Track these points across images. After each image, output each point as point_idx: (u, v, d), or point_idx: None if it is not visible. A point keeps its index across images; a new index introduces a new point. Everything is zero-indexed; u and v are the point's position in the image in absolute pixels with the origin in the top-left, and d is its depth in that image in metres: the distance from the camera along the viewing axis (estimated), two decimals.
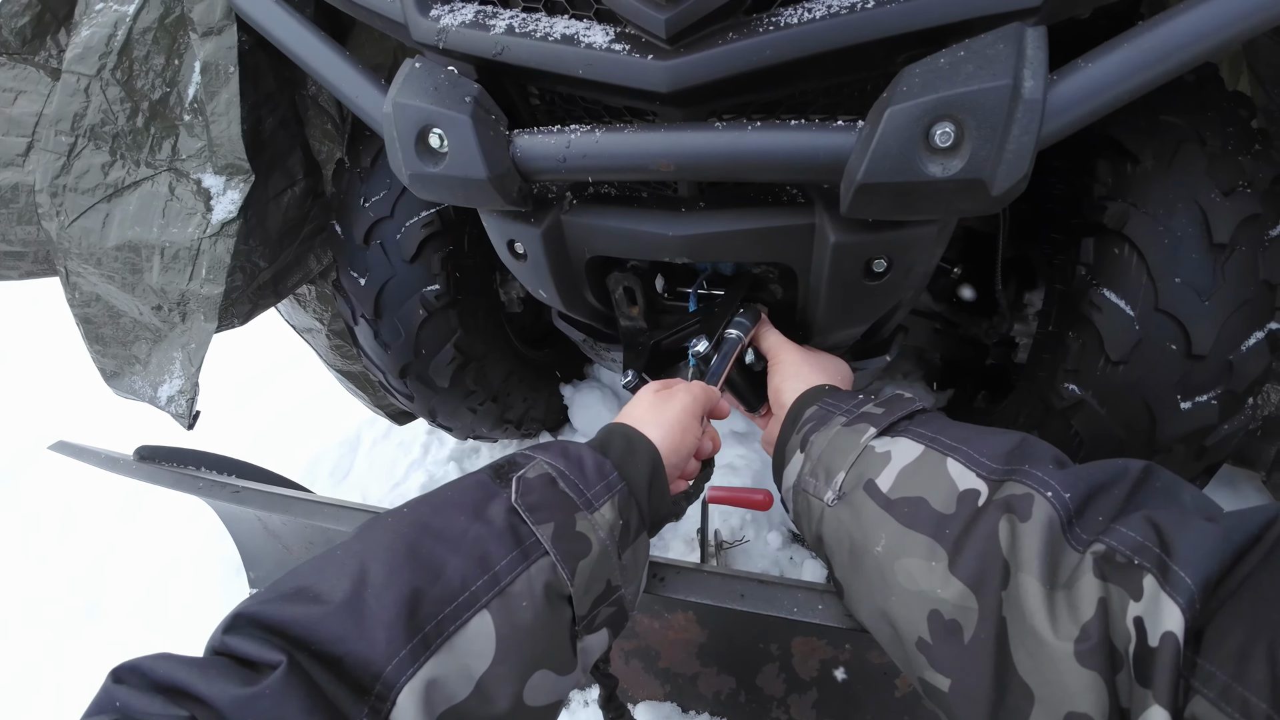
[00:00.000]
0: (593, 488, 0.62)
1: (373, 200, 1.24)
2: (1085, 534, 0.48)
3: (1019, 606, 0.48)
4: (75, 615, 1.86)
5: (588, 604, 0.59)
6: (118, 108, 1.24)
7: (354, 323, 1.34)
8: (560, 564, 0.56)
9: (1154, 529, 0.45)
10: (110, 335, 1.44)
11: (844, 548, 0.64)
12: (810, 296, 0.88)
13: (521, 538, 0.56)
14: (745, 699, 1.06)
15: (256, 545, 1.49)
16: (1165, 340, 0.94)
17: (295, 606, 0.48)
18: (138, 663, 0.43)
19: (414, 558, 0.53)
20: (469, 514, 0.57)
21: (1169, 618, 0.40)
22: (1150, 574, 0.42)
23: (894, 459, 0.63)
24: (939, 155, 0.65)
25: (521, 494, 0.59)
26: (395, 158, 0.83)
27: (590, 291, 1.01)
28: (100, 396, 1.50)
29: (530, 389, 1.63)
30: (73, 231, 1.32)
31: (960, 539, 0.54)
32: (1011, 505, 0.52)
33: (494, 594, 0.53)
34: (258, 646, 0.44)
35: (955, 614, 0.52)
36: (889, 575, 0.58)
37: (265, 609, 0.48)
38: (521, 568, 0.55)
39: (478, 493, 0.60)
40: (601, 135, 0.74)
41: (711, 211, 0.84)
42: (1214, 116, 0.95)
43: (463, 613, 0.51)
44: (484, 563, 0.54)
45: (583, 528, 0.59)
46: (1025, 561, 0.48)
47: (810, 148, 0.69)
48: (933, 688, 0.54)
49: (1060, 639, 0.45)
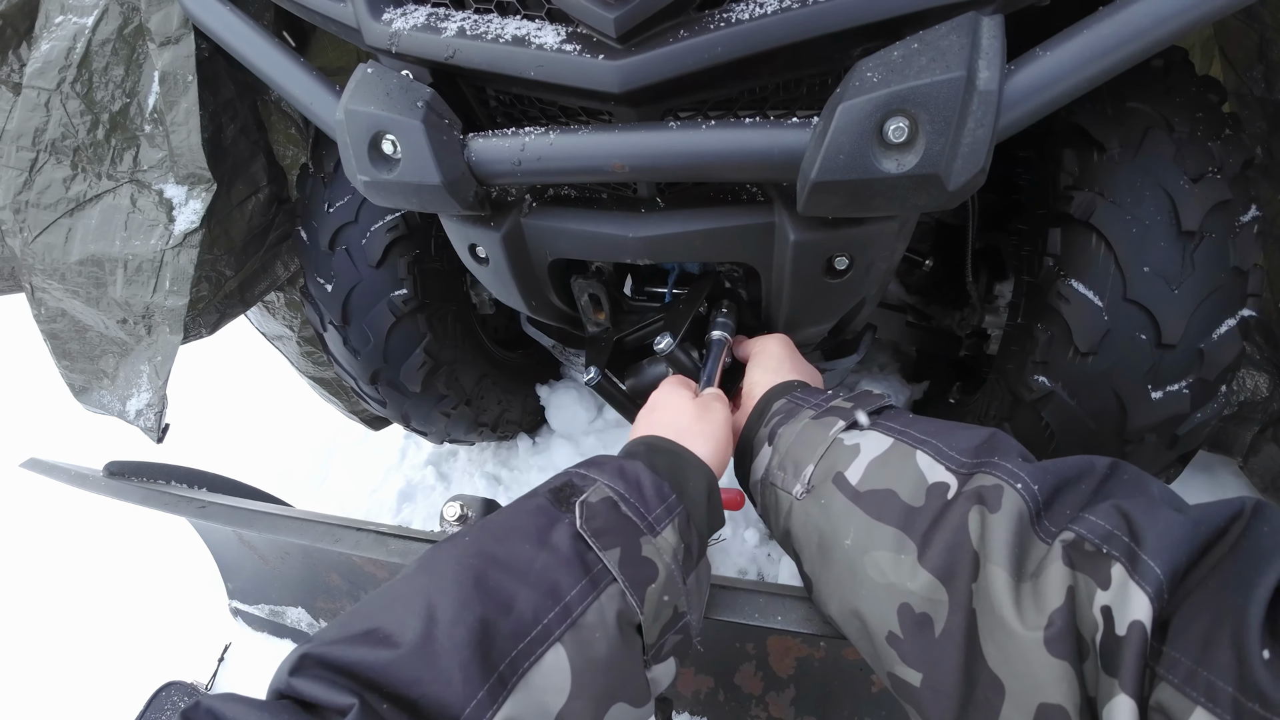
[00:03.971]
0: (653, 511, 0.60)
1: (337, 205, 1.23)
2: (1053, 526, 0.48)
3: (988, 598, 0.47)
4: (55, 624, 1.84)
5: (656, 631, 0.57)
6: (78, 121, 1.23)
7: (323, 329, 1.32)
8: (629, 591, 0.55)
9: (1123, 518, 0.44)
10: (77, 350, 1.42)
11: (812, 541, 0.63)
12: (773, 295, 0.87)
13: (589, 565, 0.55)
14: (724, 698, 1.06)
15: (232, 556, 1.48)
16: (1135, 330, 0.93)
17: (365, 649, 0.47)
18: (207, 703, 0.42)
19: (482, 590, 0.51)
20: (534, 541, 0.56)
21: (1137, 607, 0.39)
22: (1119, 563, 0.42)
23: (863, 451, 0.62)
24: (893, 151, 0.65)
25: (586, 519, 0.58)
26: (349, 165, 0.82)
27: (555, 294, 1.00)
28: (78, 412, 1.48)
29: (505, 391, 1.62)
30: (36, 247, 1.30)
31: (929, 531, 0.53)
32: (982, 496, 0.52)
33: (566, 626, 0.52)
34: (326, 690, 0.43)
35: (925, 607, 0.52)
36: (858, 568, 0.57)
37: (333, 650, 0.46)
38: (592, 597, 0.53)
39: (540, 518, 0.58)
40: (555, 137, 0.73)
41: (671, 212, 0.83)
42: (1182, 102, 0.94)
43: (536, 648, 0.50)
44: (554, 593, 0.52)
45: (648, 552, 0.58)
46: (993, 552, 0.48)
47: (765, 146, 0.68)
48: (903, 683, 0.53)
49: (1028, 629, 0.44)
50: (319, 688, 0.43)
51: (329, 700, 0.43)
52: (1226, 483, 1.59)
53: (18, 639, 1.83)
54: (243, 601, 1.51)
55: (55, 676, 1.70)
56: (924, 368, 1.66)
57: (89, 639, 1.80)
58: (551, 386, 1.79)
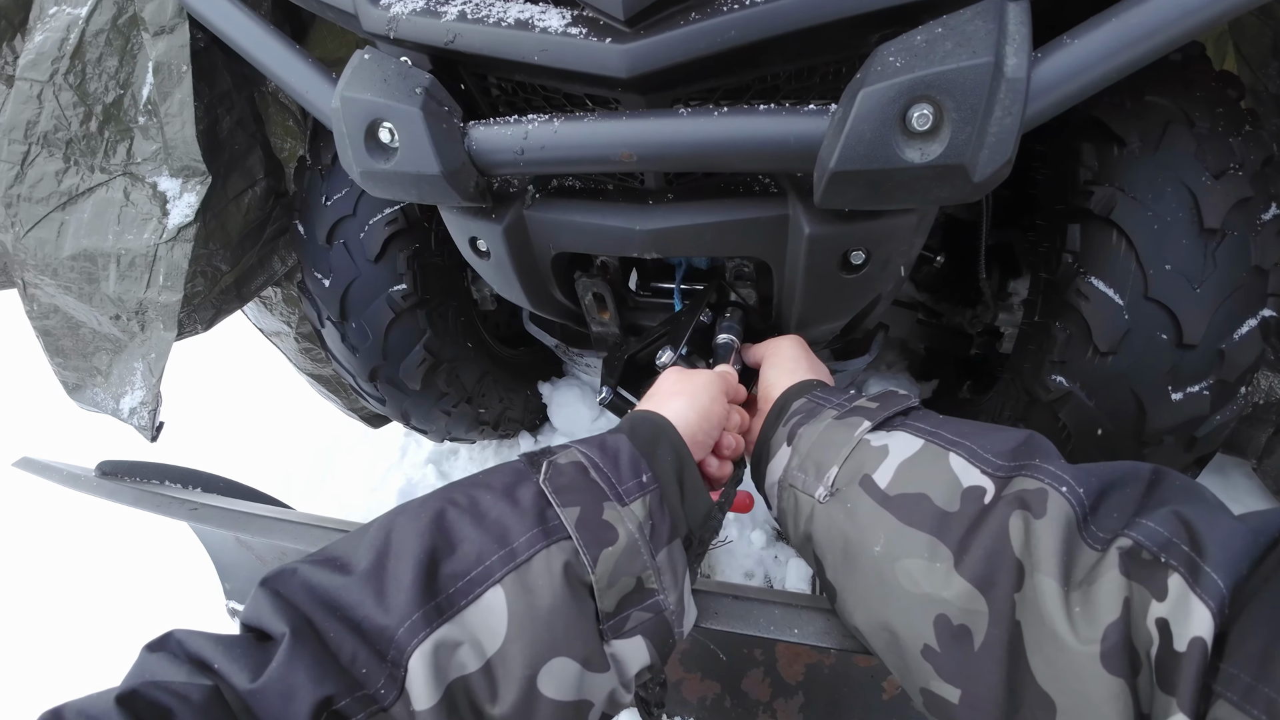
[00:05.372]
0: (625, 483, 0.59)
1: (335, 198, 1.20)
2: (1101, 532, 0.46)
3: (1036, 609, 0.45)
4: (49, 624, 1.81)
5: (614, 599, 0.55)
6: (70, 113, 1.20)
7: (320, 325, 1.30)
8: (582, 549, 0.54)
9: (1183, 525, 0.42)
10: (70, 347, 1.40)
11: (837, 548, 0.60)
12: (786, 291, 0.85)
13: (546, 519, 0.55)
14: (730, 704, 1.03)
15: (230, 556, 1.45)
16: (1155, 329, 0.91)
17: (325, 572, 0.50)
18: (174, 633, 0.45)
19: (436, 528, 0.53)
20: (497, 494, 0.57)
21: (1198, 622, 0.37)
22: (1177, 573, 0.40)
23: (892, 453, 0.59)
24: (916, 140, 0.62)
25: (550, 476, 0.58)
26: (345, 155, 0.79)
27: (558, 289, 0.97)
28: (72, 411, 1.46)
29: (506, 389, 1.59)
30: (28, 242, 1.28)
31: (966, 537, 0.50)
32: (1024, 501, 0.49)
33: (509, 569, 0.52)
34: (270, 613, 0.45)
35: (963, 618, 0.49)
36: (889, 578, 0.54)
37: (302, 568, 0.50)
38: (540, 546, 0.53)
39: (510, 476, 0.59)
40: (560, 125, 0.70)
41: (680, 204, 0.80)
42: (1202, 97, 0.91)
43: (475, 587, 0.50)
44: (503, 539, 0.53)
45: (610, 517, 0.56)
46: (1041, 560, 0.45)
47: (780, 134, 0.65)
48: (939, 699, 0.50)
49: (1082, 643, 0.42)
50: (265, 612, 0.46)
51: (269, 625, 0.45)
52: (1239, 485, 1.56)
53: (11, 640, 1.81)
54: (240, 602, 1.48)
55: (49, 678, 1.68)
56: (933, 366, 1.63)
57: (83, 639, 1.78)
58: (554, 384, 1.77)
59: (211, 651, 0.43)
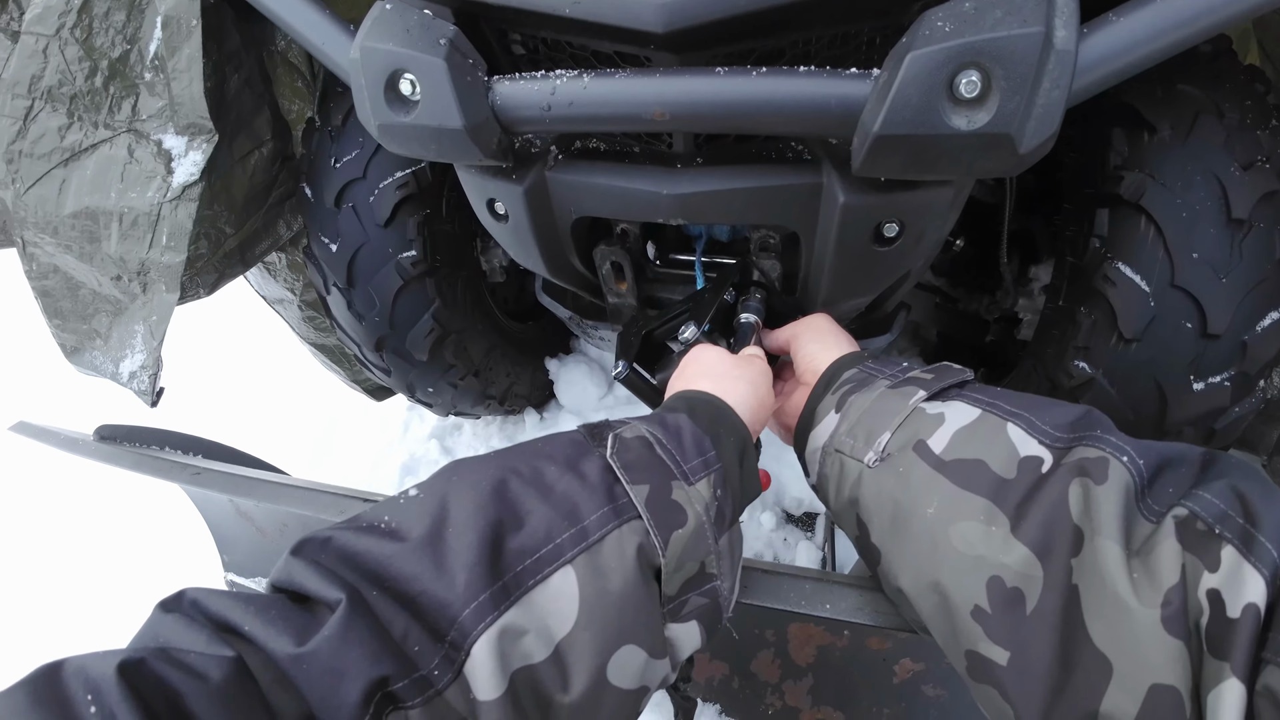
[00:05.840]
0: (690, 461, 0.57)
1: (344, 160, 1.17)
2: (1157, 505, 0.46)
3: (1096, 572, 0.45)
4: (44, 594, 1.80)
5: (678, 584, 0.53)
6: (76, 68, 1.17)
7: (326, 292, 1.27)
8: (653, 530, 0.51)
9: (1238, 498, 0.42)
10: (69, 309, 1.37)
11: (885, 511, 0.60)
12: (814, 264, 0.83)
13: (615, 496, 0.52)
14: (739, 684, 1.03)
15: (229, 528, 1.43)
16: (1180, 318, 0.90)
17: (371, 539, 0.45)
18: (191, 592, 0.41)
19: (499, 499, 0.49)
20: (561, 465, 0.53)
21: (1252, 589, 0.38)
22: (1230, 545, 0.40)
23: (948, 421, 0.58)
24: (963, 107, 0.61)
25: (617, 451, 0.55)
26: (363, 108, 0.76)
27: (576, 257, 0.94)
28: (70, 375, 1.43)
29: (513, 364, 1.56)
30: (28, 199, 1.26)
31: (1024, 504, 0.50)
32: (1085, 469, 0.49)
33: (580, 549, 0.49)
34: (319, 581, 0.41)
35: (1018, 582, 0.48)
36: (941, 540, 0.54)
37: (339, 536, 0.45)
38: (613, 525, 0.50)
39: (571, 448, 0.56)
40: (590, 81, 0.67)
41: (709, 169, 0.78)
42: (1231, 89, 0.91)
43: (545, 566, 0.47)
44: (573, 515, 0.50)
45: (679, 497, 0.54)
46: (1103, 525, 0.45)
47: (821, 97, 0.63)
48: (986, 661, 0.50)
49: (1145, 605, 0.42)
50: (311, 577, 0.42)
51: (319, 592, 0.41)
52: None
53: (6, 610, 1.79)
54: (239, 575, 1.46)
55: (45, 649, 1.67)
56: (946, 352, 1.62)
57: (80, 610, 1.76)
58: (561, 360, 1.75)
59: (240, 613, 0.39)
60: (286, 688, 0.37)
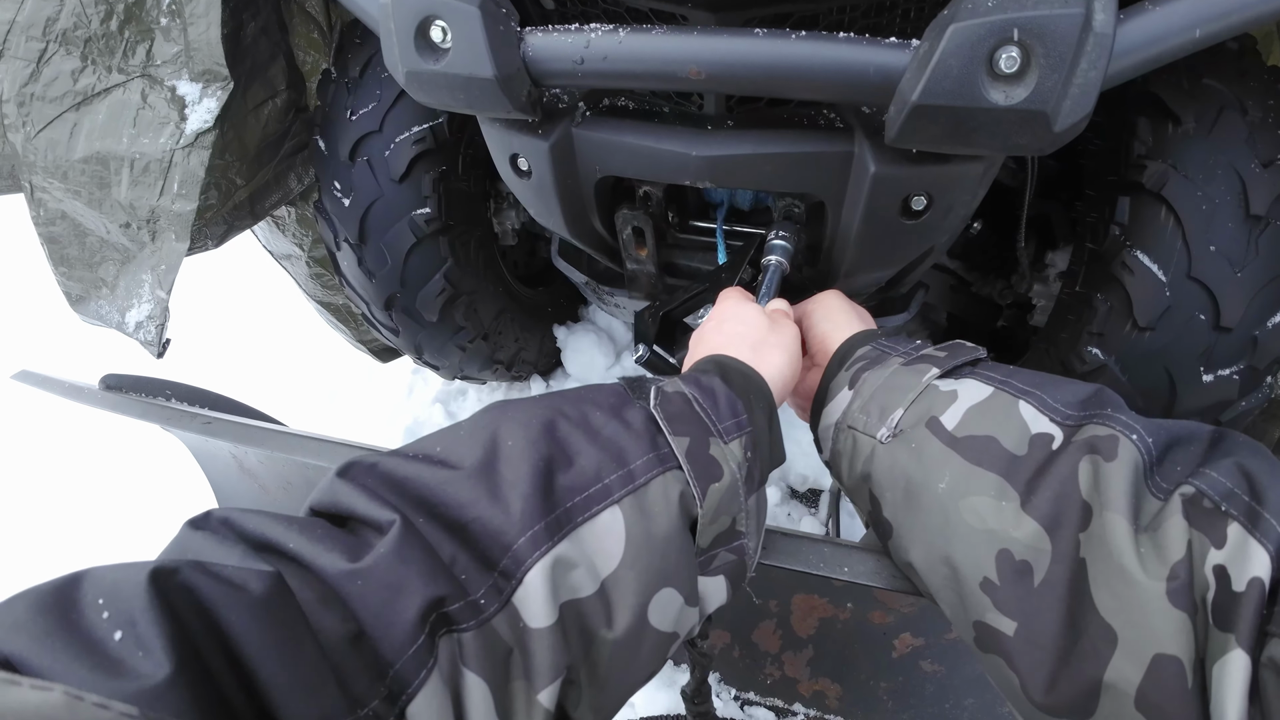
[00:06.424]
0: (725, 421, 0.58)
1: (360, 113, 1.15)
2: (1165, 482, 0.46)
3: (1104, 545, 0.45)
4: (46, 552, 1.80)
5: (710, 537, 0.55)
6: (91, 10, 1.16)
7: (336, 248, 1.25)
8: (693, 480, 0.52)
9: (1245, 476, 0.43)
10: (76, 256, 1.36)
11: (898, 486, 0.60)
12: (840, 234, 0.82)
13: (658, 446, 0.53)
14: (740, 653, 1.04)
15: (231, 484, 1.43)
16: (1194, 309, 0.91)
17: (421, 465, 0.45)
18: (220, 511, 0.39)
19: (549, 436, 0.50)
20: (607, 411, 0.54)
21: (1257, 563, 0.38)
22: (1236, 522, 0.41)
23: (961, 398, 0.59)
24: (1002, 82, 0.61)
25: (660, 403, 0.56)
26: (391, 54, 0.75)
27: (598, 218, 0.94)
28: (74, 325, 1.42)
29: (522, 329, 1.56)
30: (39, 143, 1.24)
31: (1034, 479, 0.51)
32: (1095, 446, 0.49)
33: (628, 491, 0.49)
34: (368, 503, 0.41)
35: (1027, 554, 0.49)
36: (952, 514, 0.55)
37: (386, 460, 0.45)
38: (657, 471, 0.51)
39: (615, 397, 0.57)
40: (626, 35, 0.66)
41: (740, 132, 0.77)
42: (1255, 86, 0.92)
43: (595, 504, 0.48)
44: (620, 458, 0.50)
45: (715, 453, 0.55)
46: (1111, 500, 0.46)
47: (860, 63, 0.63)
48: (994, 631, 0.51)
49: (1151, 578, 0.42)
50: (360, 498, 0.41)
51: (368, 513, 0.40)
52: None
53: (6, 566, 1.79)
54: None
55: None
56: (955, 335, 1.62)
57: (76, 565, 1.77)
58: (570, 328, 1.74)
59: (281, 531, 0.37)
60: (333, 606, 0.36)
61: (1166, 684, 0.41)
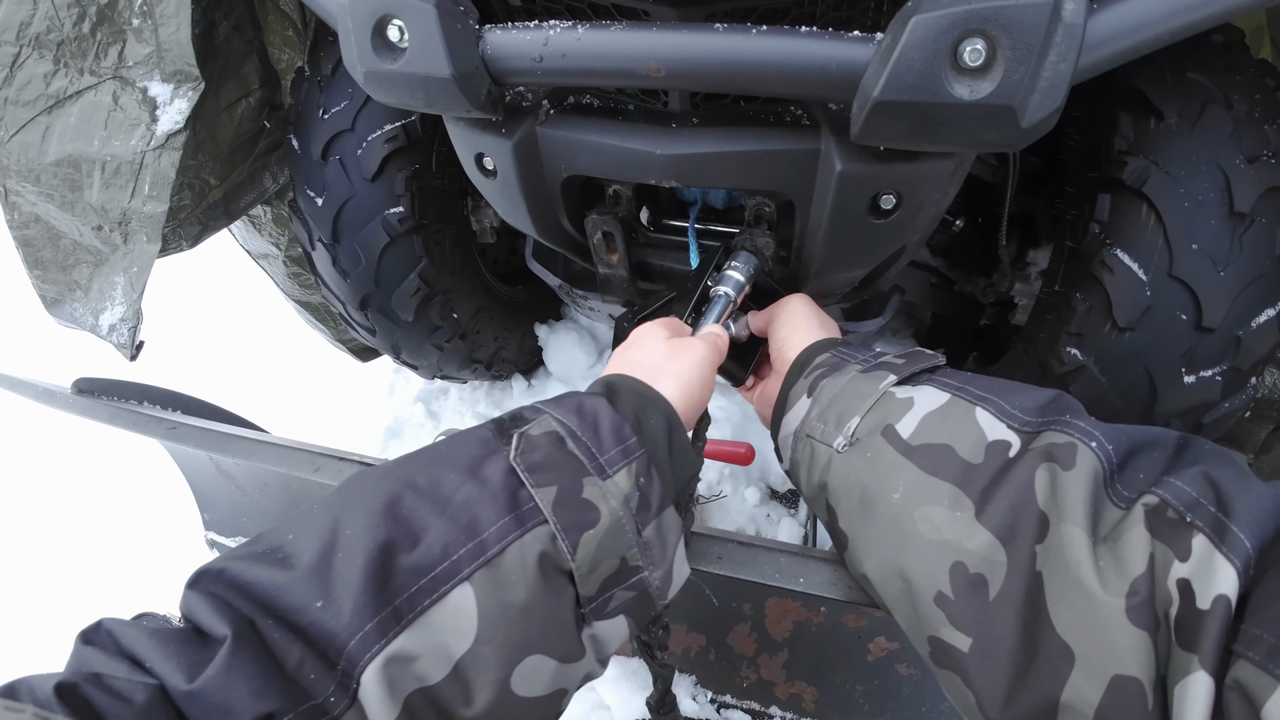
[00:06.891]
0: (607, 452, 0.54)
1: (333, 111, 1.13)
2: (1127, 490, 0.45)
3: (1061, 558, 0.44)
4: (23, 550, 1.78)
5: (596, 584, 0.52)
6: (64, 14, 1.15)
7: (311, 248, 1.24)
8: (560, 534, 0.50)
9: (1210, 486, 0.42)
10: (50, 259, 1.35)
11: (854, 495, 0.59)
12: (809, 234, 0.81)
13: (519, 502, 0.50)
14: (715, 657, 1.03)
15: (210, 486, 1.42)
16: (1175, 309, 0.89)
17: (263, 568, 0.45)
18: (108, 623, 0.42)
19: (392, 516, 0.48)
20: (463, 472, 0.51)
21: (1223, 580, 0.38)
22: (1202, 534, 0.40)
23: (917, 405, 0.58)
24: (967, 76, 0.59)
25: (522, 452, 0.53)
26: (349, 53, 0.74)
27: (566, 218, 0.92)
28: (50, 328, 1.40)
29: (501, 328, 1.54)
30: (12, 147, 1.24)
31: (989, 489, 0.50)
32: (1052, 454, 0.48)
33: (478, 565, 0.47)
34: (209, 613, 0.41)
35: (981, 567, 0.48)
36: (907, 524, 0.53)
37: (232, 565, 0.45)
38: (514, 536, 0.49)
39: (476, 449, 0.54)
40: (584, 32, 0.65)
41: (705, 130, 0.76)
42: (1241, 81, 0.90)
43: (441, 585, 0.46)
44: (471, 529, 0.48)
45: (591, 494, 0.52)
46: (1069, 511, 0.45)
47: (822, 58, 0.61)
48: (948, 646, 0.50)
49: (1109, 594, 0.41)
50: (203, 610, 0.42)
51: (209, 626, 0.41)
52: None
53: None
54: (219, 533, 1.45)
55: (23, 608, 1.66)
56: (940, 335, 1.61)
57: (59, 564, 1.75)
58: (551, 327, 1.72)
59: (144, 647, 0.39)
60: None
61: (1126, 706, 0.40)
